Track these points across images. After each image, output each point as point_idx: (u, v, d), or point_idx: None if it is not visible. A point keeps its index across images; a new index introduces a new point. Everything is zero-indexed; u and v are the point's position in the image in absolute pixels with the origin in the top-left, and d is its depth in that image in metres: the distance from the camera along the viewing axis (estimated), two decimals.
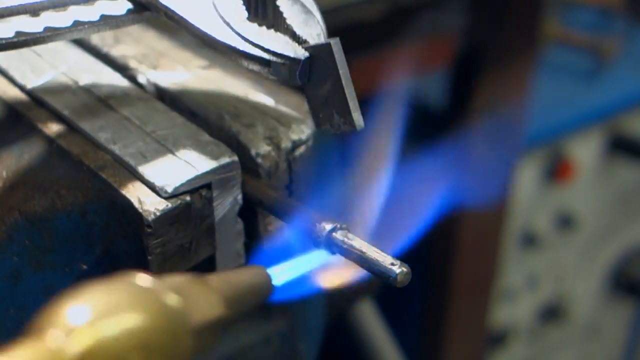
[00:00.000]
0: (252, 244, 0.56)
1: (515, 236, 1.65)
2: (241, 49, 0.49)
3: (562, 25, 1.80)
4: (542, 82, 1.49)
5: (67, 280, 0.53)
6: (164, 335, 0.35)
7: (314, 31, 0.51)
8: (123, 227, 0.51)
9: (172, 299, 0.37)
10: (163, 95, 0.60)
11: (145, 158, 0.52)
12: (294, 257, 0.48)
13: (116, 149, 0.53)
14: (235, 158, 0.53)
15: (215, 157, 0.52)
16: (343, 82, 0.48)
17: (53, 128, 0.55)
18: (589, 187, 1.76)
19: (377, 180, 0.50)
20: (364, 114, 0.50)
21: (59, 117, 0.56)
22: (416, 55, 1.26)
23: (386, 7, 1.12)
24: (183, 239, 0.51)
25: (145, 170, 0.51)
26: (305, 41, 0.50)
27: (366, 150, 0.51)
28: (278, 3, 0.52)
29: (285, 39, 0.50)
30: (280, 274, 0.46)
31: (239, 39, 0.50)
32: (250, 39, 0.50)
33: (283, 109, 0.58)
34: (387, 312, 1.42)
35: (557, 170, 1.65)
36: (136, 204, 0.49)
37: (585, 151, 1.70)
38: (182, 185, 0.50)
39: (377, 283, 0.78)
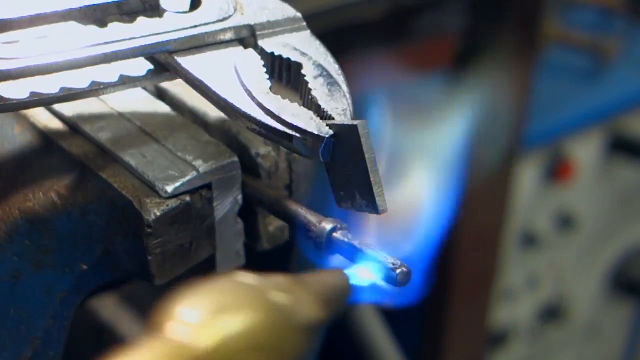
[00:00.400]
0: (252, 244, 0.55)
1: (515, 236, 1.65)
2: (263, 121, 0.47)
3: (562, 25, 1.80)
4: (542, 82, 1.49)
5: (67, 280, 0.53)
6: (275, 332, 0.36)
7: (339, 105, 0.48)
8: (123, 227, 0.51)
9: (280, 297, 0.37)
10: (163, 95, 0.60)
11: (145, 158, 0.52)
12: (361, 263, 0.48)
13: (116, 149, 0.53)
14: (235, 158, 0.53)
15: (215, 157, 0.52)
16: (368, 165, 0.45)
17: (53, 128, 0.55)
18: (589, 187, 1.76)
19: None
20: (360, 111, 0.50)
21: (59, 118, 0.56)
22: (416, 55, 1.27)
23: (386, 7, 1.12)
24: (183, 239, 0.51)
25: (145, 170, 0.51)
26: (330, 116, 0.48)
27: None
28: (303, 71, 0.50)
29: (309, 113, 0.47)
30: (354, 276, 0.46)
31: (260, 111, 0.47)
32: (273, 111, 0.47)
33: None
34: (387, 311, 1.42)
35: (557, 170, 1.65)
36: (136, 204, 0.49)
37: (585, 151, 1.70)
38: (182, 185, 0.50)
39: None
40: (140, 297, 0.90)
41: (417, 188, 0.52)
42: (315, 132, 0.46)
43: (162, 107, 0.57)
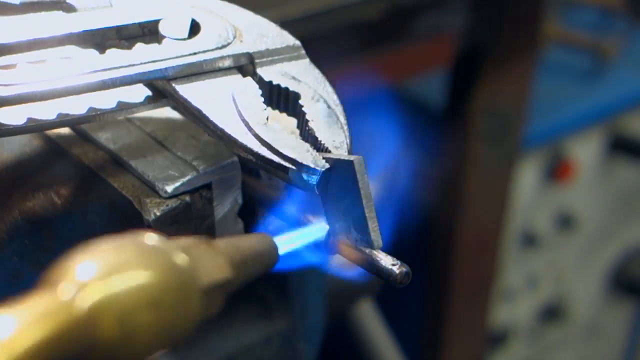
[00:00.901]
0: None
1: (515, 236, 1.65)
2: (259, 152, 0.47)
3: (562, 25, 1.80)
4: (542, 82, 1.49)
5: None
6: (173, 293, 0.35)
7: (337, 138, 0.48)
8: (123, 227, 0.51)
9: (182, 258, 0.37)
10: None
11: (145, 158, 0.52)
12: (296, 228, 0.48)
13: (116, 149, 0.53)
14: (235, 158, 0.53)
15: (215, 157, 0.52)
16: (363, 201, 0.45)
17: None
18: (589, 187, 1.76)
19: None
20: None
21: None
22: (416, 55, 1.27)
23: (386, 7, 1.12)
24: None
25: (145, 170, 0.51)
26: (326, 149, 0.48)
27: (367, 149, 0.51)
28: (301, 101, 0.50)
29: (306, 146, 0.47)
30: (284, 243, 0.46)
31: (257, 142, 0.47)
32: (269, 143, 0.47)
33: None
34: (387, 312, 1.42)
35: (557, 170, 1.65)
36: (136, 204, 0.49)
37: (585, 151, 1.70)
38: (182, 185, 0.50)
39: (377, 283, 0.78)
40: None
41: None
42: (311, 166, 0.46)
43: (163, 108, 0.57)
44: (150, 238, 0.37)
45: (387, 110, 0.55)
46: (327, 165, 0.47)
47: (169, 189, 0.50)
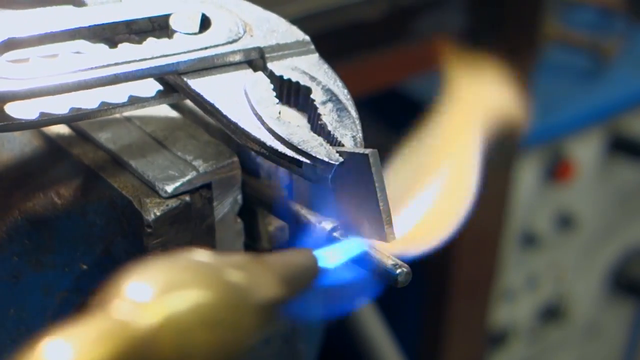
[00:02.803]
0: (252, 244, 0.55)
1: (515, 236, 1.65)
2: (273, 146, 0.47)
3: (562, 25, 1.80)
4: (542, 82, 1.49)
5: (67, 280, 0.53)
6: (229, 312, 0.35)
7: (349, 132, 0.48)
8: (123, 227, 0.51)
9: (235, 276, 0.36)
10: None
11: (145, 158, 0.52)
12: (335, 244, 0.48)
13: (116, 148, 0.53)
14: (235, 158, 0.53)
15: (215, 157, 0.52)
16: (378, 194, 0.45)
17: (53, 128, 0.55)
18: (589, 187, 1.76)
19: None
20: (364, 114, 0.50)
21: None
22: (416, 55, 1.26)
23: (386, 7, 1.12)
24: (183, 239, 0.51)
25: (145, 170, 0.51)
26: (339, 143, 0.48)
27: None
28: (312, 96, 0.50)
29: (319, 140, 0.47)
30: (326, 258, 0.46)
31: (270, 135, 0.47)
32: (283, 136, 0.47)
33: None
34: (387, 312, 1.42)
35: (557, 170, 1.65)
36: (136, 204, 0.49)
37: (585, 151, 1.70)
38: (182, 185, 0.50)
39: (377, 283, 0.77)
40: None
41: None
42: (325, 159, 0.46)
43: (162, 107, 0.57)
44: (202, 255, 0.36)
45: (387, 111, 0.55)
46: (341, 159, 0.46)
47: (169, 189, 0.50)
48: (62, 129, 0.55)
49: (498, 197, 1.43)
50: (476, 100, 0.52)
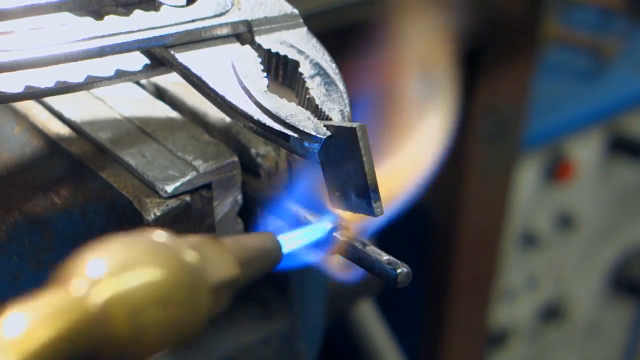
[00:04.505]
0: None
1: (515, 236, 1.65)
2: (261, 120, 0.47)
3: (562, 25, 1.80)
4: (542, 82, 1.49)
5: None
6: (183, 290, 0.36)
7: (337, 106, 0.48)
8: (123, 227, 0.51)
9: (191, 256, 0.37)
10: (163, 95, 0.60)
11: (145, 158, 0.52)
12: (298, 227, 0.48)
13: (116, 149, 0.53)
14: (235, 158, 0.53)
15: (215, 157, 0.52)
16: (366, 168, 0.45)
17: (53, 128, 0.55)
18: (589, 187, 1.76)
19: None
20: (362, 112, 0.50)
21: (59, 118, 0.56)
22: (416, 56, 1.26)
23: (386, 7, 1.12)
24: None
25: (145, 170, 0.51)
26: (327, 117, 0.48)
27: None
28: (301, 70, 0.50)
29: (307, 113, 0.47)
30: (288, 242, 0.46)
31: (258, 109, 0.47)
32: (271, 110, 0.47)
33: None
34: (387, 312, 1.42)
35: (557, 170, 1.65)
36: (136, 204, 0.49)
37: (585, 151, 1.70)
38: (182, 185, 0.50)
39: (377, 283, 0.78)
40: None
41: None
42: (313, 133, 0.46)
43: (162, 107, 0.57)
44: (159, 235, 0.37)
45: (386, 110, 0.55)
46: (329, 133, 0.46)
47: (169, 189, 0.50)
48: (62, 129, 0.55)
49: (498, 197, 1.43)
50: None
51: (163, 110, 0.57)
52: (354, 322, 1.38)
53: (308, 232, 0.48)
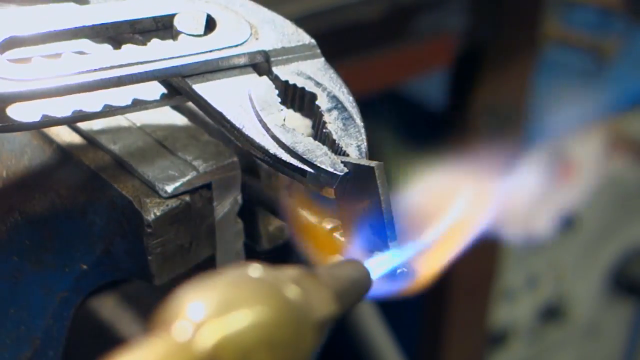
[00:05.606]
0: (252, 244, 0.55)
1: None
2: (277, 155, 0.46)
3: (562, 25, 1.79)
4: (542, 82, 1.48)
5: (67, 280, 0.53)
6: (289, 330, 0.34)
7: (354, 141, 0.48)
8: (123, 227, 0.51)
9: (292, 292, 0.35)
10: None
11: (145, 158, 0.52)
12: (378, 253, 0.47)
13: (116, 149, 0.53)
14: (235, 158, 0.53)
15: (215, 157, 0.52)
16: (383, 207, 0.45)
17: (54, 129, 0.55)
18: (589, 187, 1.75)
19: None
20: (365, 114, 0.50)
21: None
22: (416, 55, 1.26)
23: (386, 7, 1.12)
24: (183, 239, 0.51)
25: (145, 170, 0.51)
26: (344, 152, 0.47)
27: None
28: (318, 102, 0.49)
29: (324, 149, 0.47)
30: (374, 269, 0.45)
31: (274, 143, 0.47)
32: (287, 145, 0.46)
33: None
34: (387, 312, 1.42)
35: (557, 170, 1.65)
36: (136, 204, 0.49)
37: (585, 151, 1.70)
38: (182, 185, 0.50)
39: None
40: (140, 297, 0.90)
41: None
42: (330, 170, 0.46)
43: (163, 108, 0.57)
44: (256, 270, 0.35)
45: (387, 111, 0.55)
46: (346, 170, 0.46)
47: (169, 189, 0.50)
48: (62, 130, 0.55)
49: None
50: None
51: (163, 111, 0.57)
52: (354, 322, 1.38)
53: (387, 258, 0.46)
